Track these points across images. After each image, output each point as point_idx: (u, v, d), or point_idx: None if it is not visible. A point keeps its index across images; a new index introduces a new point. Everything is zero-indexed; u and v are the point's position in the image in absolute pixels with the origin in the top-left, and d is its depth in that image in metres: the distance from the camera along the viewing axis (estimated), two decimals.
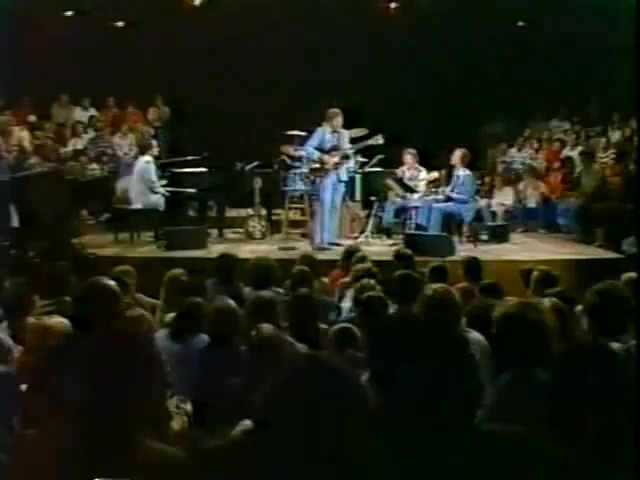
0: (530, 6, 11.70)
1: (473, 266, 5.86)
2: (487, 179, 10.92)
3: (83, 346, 1.84)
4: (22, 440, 1.92)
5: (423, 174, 9.43)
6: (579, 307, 3.65)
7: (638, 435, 1.75)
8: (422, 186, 9.36)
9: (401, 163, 9.54)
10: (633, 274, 4.54)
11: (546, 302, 3.67)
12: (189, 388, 3.63)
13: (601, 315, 3.10)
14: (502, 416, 2.22)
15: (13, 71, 7.97)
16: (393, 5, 12.28)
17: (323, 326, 4.38)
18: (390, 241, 8.98)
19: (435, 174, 9.52)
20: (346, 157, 8.63)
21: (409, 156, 9.47)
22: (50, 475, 1.70)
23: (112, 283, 3.08)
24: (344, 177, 8.69)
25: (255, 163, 10.08)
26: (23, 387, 2.99)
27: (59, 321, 3.55)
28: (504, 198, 10.68)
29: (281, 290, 5.45)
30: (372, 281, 4.90)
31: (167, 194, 8.99)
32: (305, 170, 8.89)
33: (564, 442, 1.71)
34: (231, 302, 4.01)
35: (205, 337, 3.99)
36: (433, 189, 9.32)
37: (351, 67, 11.83)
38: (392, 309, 4.63)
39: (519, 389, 2.57)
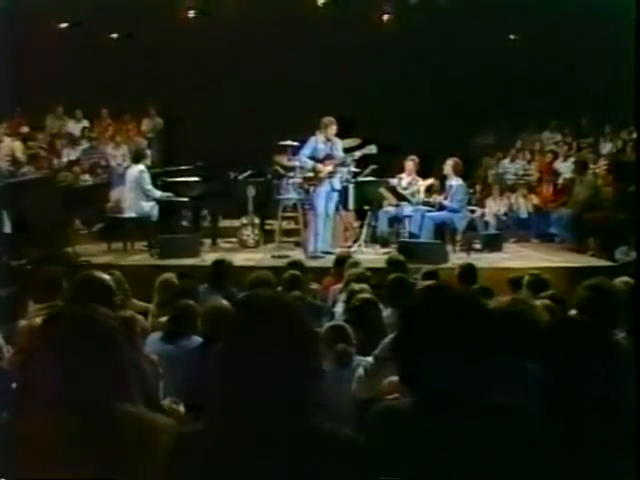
0: (522, 20, 11.80)
1: (468, 272, 5.86)
2: (479, 188, 10.95)
3: None
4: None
5: (420, 182, 9.43)
6: (572, 312, 3.65)
7: (637, 426, 1.76)
8: (421, 193, 9.35)
9: (400, 170, 9.50)
10: (625, 278, 4.55)
11: (538, 303, 3.67)
12: (182, 389, 3.62)
13: (593, 309, 3.10)
14: None
15: (10, 82, 7.95)
16: (386, 17, 12.37)
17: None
18: (384, 250, 8.96)
19: (431, 180, 9.54)
20: (343, 164, 8.63)
21: (411, 163, 9.41)
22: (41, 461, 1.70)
23: (107, 277, 3.05)
24: (338, 186, 8.69)
25: (248, 172, 10.07)
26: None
27: None
28: (496, 207, 10.73)
29: None
30: (364, 285, 4.90)
31: (166, 199, 8.93)
32: (298, 179, 8.88)
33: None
34: (224, 302, 4.00)
35: (197, 338, 3.99)
36: (427, 199, 9.34)
37: (348, 77, 11.85)
38: (385, 313, 4.65)
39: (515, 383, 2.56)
